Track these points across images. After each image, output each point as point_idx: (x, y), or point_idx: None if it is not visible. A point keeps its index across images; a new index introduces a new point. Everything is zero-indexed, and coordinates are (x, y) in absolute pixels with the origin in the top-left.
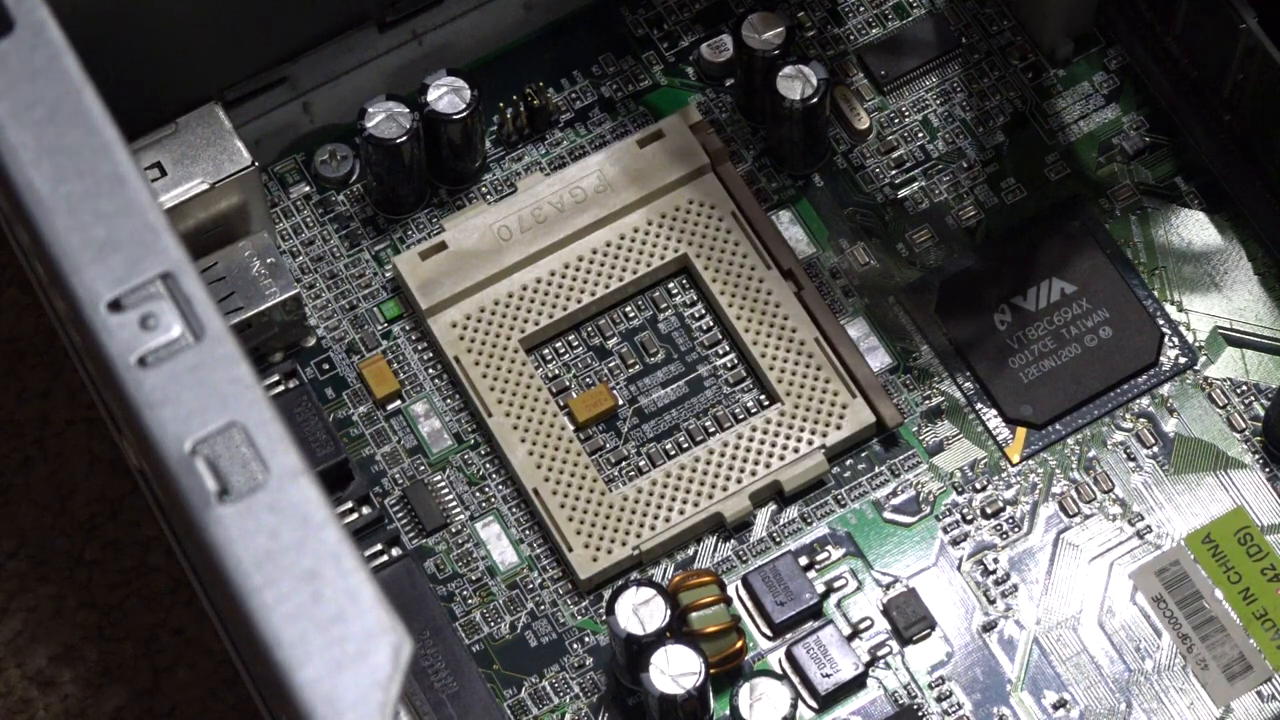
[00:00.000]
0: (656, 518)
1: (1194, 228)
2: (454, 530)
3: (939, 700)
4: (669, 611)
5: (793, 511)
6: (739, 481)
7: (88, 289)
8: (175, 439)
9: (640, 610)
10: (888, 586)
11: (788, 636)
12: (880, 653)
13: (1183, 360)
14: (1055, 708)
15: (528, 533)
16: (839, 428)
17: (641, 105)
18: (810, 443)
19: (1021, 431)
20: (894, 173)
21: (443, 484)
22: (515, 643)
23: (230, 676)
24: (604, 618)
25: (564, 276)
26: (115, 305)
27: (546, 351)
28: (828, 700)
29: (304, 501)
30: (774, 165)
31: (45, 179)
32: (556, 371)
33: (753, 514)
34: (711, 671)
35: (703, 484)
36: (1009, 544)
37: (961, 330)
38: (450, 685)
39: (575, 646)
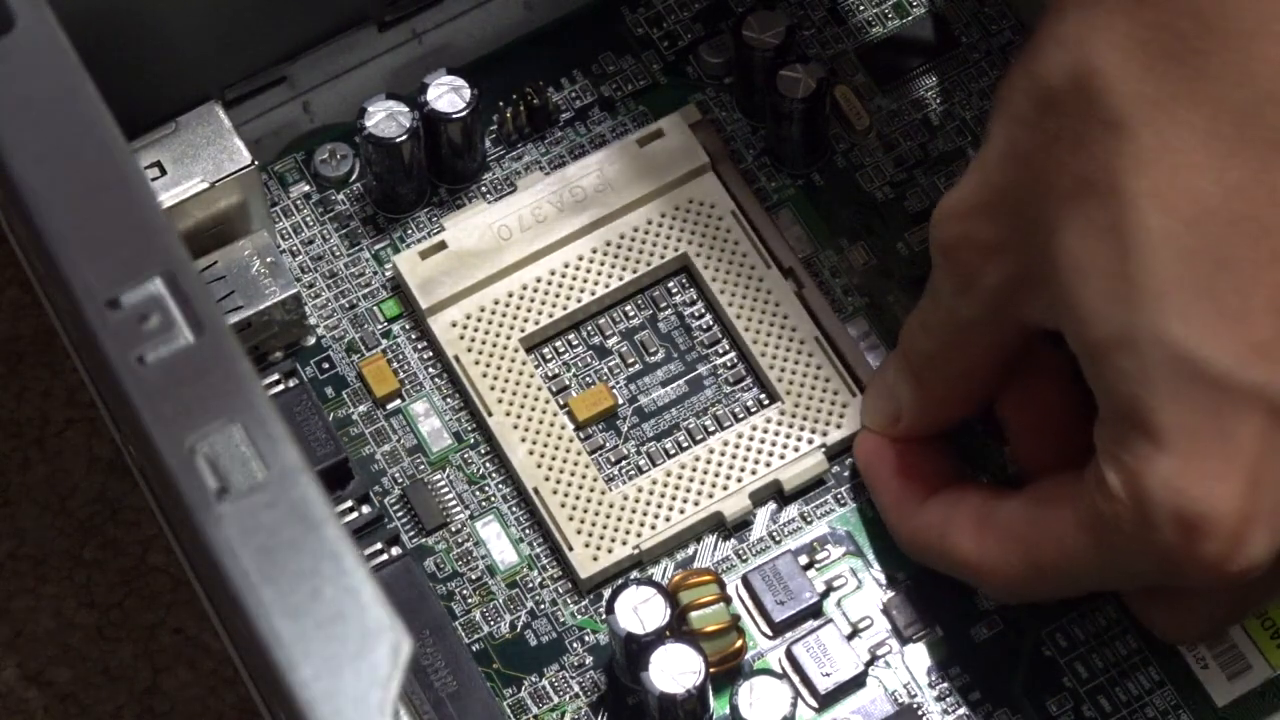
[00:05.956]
0: (656, 517)
1: None
2: (454, 529)
3: (939, 700)
4: (669, 611)
5: (793, 511)
6: (739, 481)
7: (87, 287)
8: (175, 438)
9: (640, 609)
10: (888, 586)
11: (787, 636)
12: (880, 652)
13: None
14: (1055, 706)
15: (528, 532)
16: (839, 427)
17: (641, 105)
18: (810, 442)
19: None
20: (894, 171)
21: (442, 483)
22: (515, 642)
23: (230, 676)
24: (604, 617)
25: (564, 276)
26: (114, 303)
27: (546, 351)
28: (828, 699)
29: (304, 500)
30: (774, 165)
31: (45, 178)
32: (556, 371)
33: (752, 513)
34: (711, 671)
35: (703, 483)
36: None
37: None
38: (450, 684)
39: (575, 645)
